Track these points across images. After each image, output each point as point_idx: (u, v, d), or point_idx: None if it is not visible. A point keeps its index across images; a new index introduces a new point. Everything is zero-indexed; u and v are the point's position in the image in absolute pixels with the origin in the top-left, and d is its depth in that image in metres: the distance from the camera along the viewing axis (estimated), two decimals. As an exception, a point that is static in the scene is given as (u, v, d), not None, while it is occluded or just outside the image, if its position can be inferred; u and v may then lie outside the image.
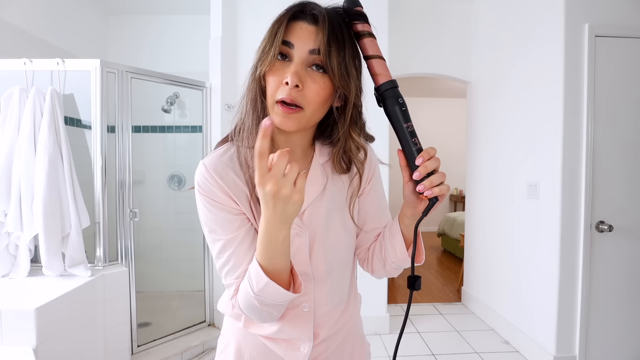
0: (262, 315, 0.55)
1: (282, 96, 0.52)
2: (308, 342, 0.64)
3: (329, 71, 0.53)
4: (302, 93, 0.52)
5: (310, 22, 0.54)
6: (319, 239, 0.62)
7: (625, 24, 1.89)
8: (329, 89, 0.54)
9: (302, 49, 0.53)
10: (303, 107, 0.53)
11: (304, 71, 0.53)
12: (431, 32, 2.86)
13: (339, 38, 0.53)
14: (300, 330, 0.64)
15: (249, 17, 2.41)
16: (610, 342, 1.94)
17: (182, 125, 2.76)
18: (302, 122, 0.55)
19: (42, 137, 1.62)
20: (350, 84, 0.55)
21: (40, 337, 1.32)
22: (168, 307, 2.59)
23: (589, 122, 1.88)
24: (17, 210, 1.63)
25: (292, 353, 0.64)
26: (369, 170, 0.68)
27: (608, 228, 1.86)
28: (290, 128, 0.54)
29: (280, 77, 0.53)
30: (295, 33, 0.53)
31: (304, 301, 0.63)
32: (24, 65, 1.73)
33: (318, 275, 0.63)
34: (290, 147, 0.61)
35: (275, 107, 0.53)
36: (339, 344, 0.69)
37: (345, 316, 0.69)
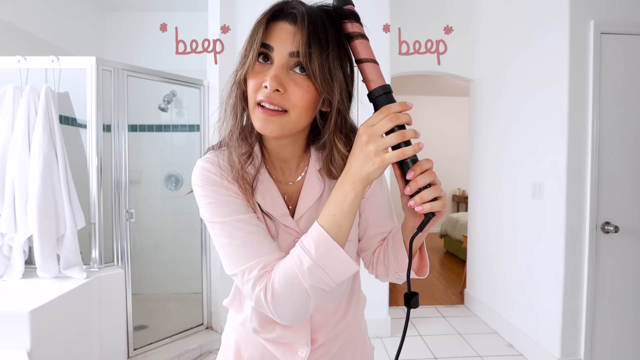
0: (299, 300, 0.50)
1: (261, 97, 0.50)
2: (306, 347, 0.64)
3: (310, 74, 0.49)
4: (286, 96, 0.50)
5: (290, 22, 0.51)
6: None
7: (631, 21, 1.87)
8: (313, 93, 0.51)
9: (281, 51, 0.50)
10: (287, 110, 0.51)
11: (285, 74, 0.50)
12: (434, 30, 2.82)
13: (322, 38, 0.49)
14: (297, 335, 0.64)
15: (247, 14, 2.39)
16: (616, 345, 1.91)
17: (180, 124, 2.76)
18: (287, 126, 0.52)
19: (37, 136, 1.61)
20: (334, 88, 0.51)
21: (34, 340, 1.31)
22: (165, 310, 2.58)
23: (595, 121, 1.85)
24: (11, 211, 1.62)
25: (290, 356, 0.64)
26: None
27: (614, 229, 1.83)
28: (273, 132, 0.52)
29: (260, 80, 0.51)
30: (275, 34, 0.51)
31: None
32: (18, 63, 1.72)
33: None
34: (283, 155, 0.61)
35: (256, 110, 0.51)
36: (339, 347, 0.69)
37: (346, 319, 0.68)
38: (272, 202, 0.59)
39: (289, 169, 0.63)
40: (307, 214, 0.61)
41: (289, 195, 0.62)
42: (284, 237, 0.60)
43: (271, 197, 0.59)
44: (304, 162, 0.63)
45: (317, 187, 0.61)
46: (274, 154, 0.61)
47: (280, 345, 0.64)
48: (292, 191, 0.63)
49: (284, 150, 0.61)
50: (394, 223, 0.69)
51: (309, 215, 0.61)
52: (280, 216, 0.59)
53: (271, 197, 0.59)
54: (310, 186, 0.61)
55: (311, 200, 0.61)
